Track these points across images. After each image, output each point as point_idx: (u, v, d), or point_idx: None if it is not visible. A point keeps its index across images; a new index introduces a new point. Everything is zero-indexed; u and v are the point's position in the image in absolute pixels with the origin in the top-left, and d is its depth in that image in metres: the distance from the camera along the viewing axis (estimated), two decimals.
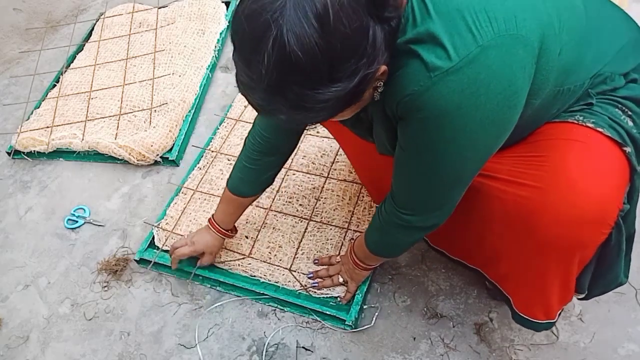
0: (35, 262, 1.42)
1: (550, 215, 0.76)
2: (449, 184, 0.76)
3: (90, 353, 1.22)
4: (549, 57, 0.68)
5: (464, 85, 0.61)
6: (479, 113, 0.64)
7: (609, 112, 0.78)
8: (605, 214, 0.74)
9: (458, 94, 0.62)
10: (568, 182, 0.74)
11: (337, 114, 0.65)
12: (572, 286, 0.87)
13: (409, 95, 0.64)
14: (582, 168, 0.74)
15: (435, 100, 0.63)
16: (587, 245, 0.78)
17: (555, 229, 0.76)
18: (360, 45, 0.56)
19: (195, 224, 1.36)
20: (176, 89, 1.71)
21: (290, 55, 0.52)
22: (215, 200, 1.40)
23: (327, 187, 1.38)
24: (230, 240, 1.30)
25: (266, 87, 0.56)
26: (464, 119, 0.64)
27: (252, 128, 1.06)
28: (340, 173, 1.41)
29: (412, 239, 0.93)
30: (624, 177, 0.76)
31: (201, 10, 1.98)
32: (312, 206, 1.35)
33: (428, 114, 0.65)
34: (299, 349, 1.15)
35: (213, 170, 1.48)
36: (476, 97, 0.62)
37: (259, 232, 1.32)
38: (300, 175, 1.43)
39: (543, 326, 0.94)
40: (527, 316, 0.94)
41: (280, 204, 1.37)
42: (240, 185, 1.11)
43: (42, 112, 1.78)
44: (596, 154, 0.76)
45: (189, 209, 1.39)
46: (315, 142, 1.49)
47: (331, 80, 0.56)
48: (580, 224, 0.74)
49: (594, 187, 0.73)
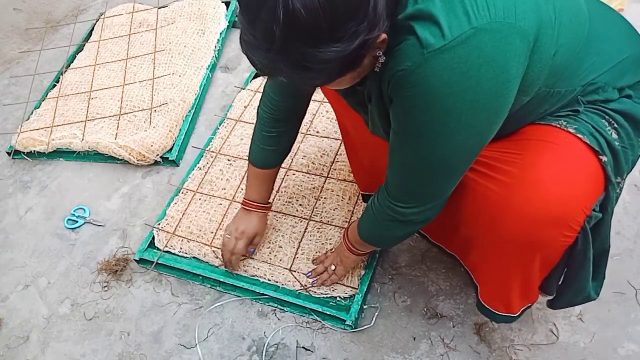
0: (35, 262, 1.42)
1: (513, 211, 0.77)
2: (439, 171, 0.76)
3: (90, 353, 1.22)
4: (543, 54, 0.68)
5: (454, 64, 0.61)
6: (469, 95, 0.64)
7: (594, 121, 0.78)
8: (567, 216, 0.74)
9: (448, 72, 0.62)
10: (534, 181, 0.75)
11: (337, 78, 0.65)
12: (534, 285, 0.88)
13: (402, 70, 0.65)
14: (552, 169, 0.75)
15: (425, 78, 0.63)
16: (547, 245, 0.79)
17: (517, 225, 0.77)
18: (362, 7, 0.57)
19: (195, 224, 1.36)
20: (176, 89, 1.71)
21: (294, 12, 0.54)
22: (215, 200, 1.40)
23: (327, 187, 1.38)
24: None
25: (268, 45, 0.57)
26: (453, 100, 0.64)
27: (262, 96, 1.07)
28: (340, 173, 1.41)
29: (403, 232, 0.93)
30: (595, 185, 0.76)
31: (201, 10, 1.97)
32: (312, 206, 1.35)
33: (417, 91, 0.65)
34: (299, 349, 1.15)
35: (213, 171, 1.48)
36: (466, 78, 0.63)
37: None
38: (300, 175, 1.43)
39: (502, 318, 0.97)
40: (488, 306, 0.97)
41: (280, 204, 1.37)
42: (263, 157, 1.13)
43: (42, 112, 1.77)
44: (569, 158, 0.76)
45: (189, 210, 1.39)
46: (316, 142, 1.49)
47: (332, 39, 0.57)
48: (540, 223, 0.75)
49: (559, 188, 0.74)
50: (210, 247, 1.30)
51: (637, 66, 0.81)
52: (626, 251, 1.20)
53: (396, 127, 0.75)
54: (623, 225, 1.25)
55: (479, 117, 0.68)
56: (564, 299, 0.92)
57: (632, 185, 1.32)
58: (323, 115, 1.55)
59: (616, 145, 0.77)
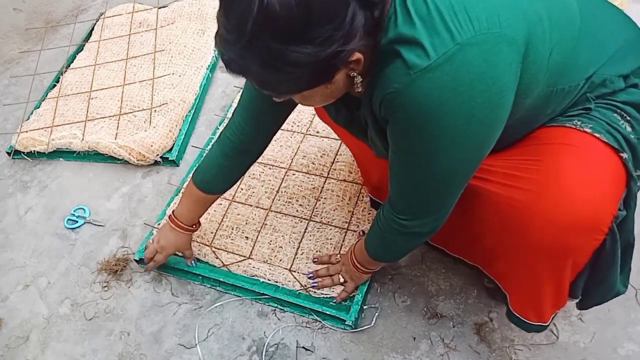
0: (35, 262, 1.42)
1: (542, 219, 0.76)
2: (441, 186, 0.76)
3: (90, 353, 1.22)
4: (537, 56, 0.68)
5: (443, 82, 0.61)
6: (463, 110, 0.64)
7: (607, 117, 0.77)
8: (597, 220, 0.74)
9: (437, 91, 0.62)
10: (561, 187, 0.74)
11: (306, 88, 0.65)
12: (565, 291, 0.87)
13: (390, 93, 0.65)
14: (576, 173, 0.74)
15: (414, 97, 0.63)
16: (578, 251, 0.78)
17: (548, 233, 0.76)
18: (339, 15, 0.57)
19: None
20: (176, 89, 1.71)
21: (268, 5, 0.54)
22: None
23: (327, 187, 1.38)
24: (231, 241, 1.31)
25: (240, 40, 0.58)
26: (447, 117, 0.64)
27: (230, 121, 1.03)
28: (340, 173, 1.41)
29: (411, 245, 0.93)
30: (619, 184, 0.76)
31: (201, 10, 1.97)
32: (312, 206, 1.35)
33: (408, 112, 0.66)
34: (299, 349, 1.15)
35: None
36: (458, 94, 0.62)
37: (259, 233, 1.31)
38: (300, 175, 1.43)
39: (535, 328, 0.95)
40: (520, 316, 0.95)
41: (280, 205, 1.37)
42: (210, 183, 1.10)
43: (42, 112, 1.77)
44: (592, 160, 0.75)
45: None
46: (316, 142, 1.49)
47: (304, 39, 0.57)
48: (572, 230, 0.74)
49: (587, 193, 0.73)
50: (210, 247, 1.30)
51: (636, 50, 0.80)
52: None
53: (393, 147, 0.75)
54: None
55: (476, 131, 0.67)
56: (594, 298, 0.90)
57: None
58: None
59: (632, 139, 0.76)
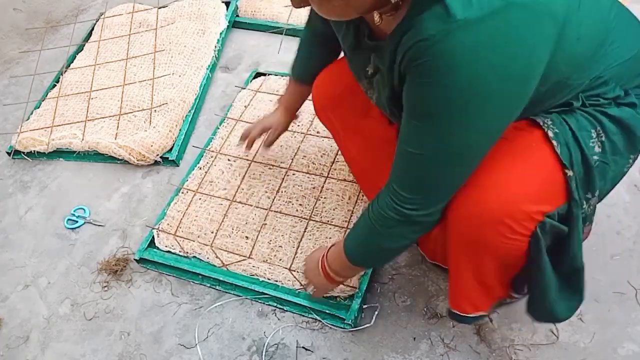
0: (35, 262, 1.42)
1: (461, 210, 0.75)
2: (458, 161, 0.70)
3: (90, 353, 1.22)
4: (566, 43, 0.65)
5: (482, 38, 0.57)
6: (497, 74, 0.59)
7: (580, 127, 0.74)
8: (508, 216, 0.72)
9: (475, 47, 0.57)
10: (484, 181, 0.73)
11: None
12: (497, 284, 0.86)
13: (423, 40, 0.59)
14: (505, 173, 0.73)
15: (449, 50, 0.58)
16: (490, 245, 0.76)
17: (463, 223, 0.76)
18: None
19: (195, 224, 1.36)
20: (176, 89, 1.71)
21: None
22: (215, 200, 1.40)
23: (326, 187, 1.38)
24: (232, 240, 1.31)
25: None
26: (479, 78, 0.59)
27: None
28: (340, 173, 1.41)
29: (403, 242, 0.84)
30: (552, 195, 0.74)
31: (201, 10, 1.97)
32: (312, 206, 1.35)
33: (440, 65, 0.60)
34: (299, 349, 1.15)
35: (213, 171, 1.48)
36: (496, 56, 0.58)
37: (259, 233, 1.31)
38: (300, 175, 1.43)
39: (474, 319, 0.94)
40: (457, 311, 0.93)
41: (280, 204, 1.37)
42: (302, 73, 1.19)
43: (42, 112, 1.77)
44: (530, 164, 0.74)
45: (189, 210, 1.39)
46: (316, 142, 1.49)
47: None
48: (481, 222, 0.73)
49: (505, 190, 0.72)
50: (210, 247, 1.30)
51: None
52: (626, 251, 1.20)
53: (409, 109, 0.68)
54: (623, 225, 1.25)
55: (504, 100, 0.62)
56: (534, 312, 0.88)
57: (632, 185, 1.32)
58: None
59: (593, 160, 0.74)
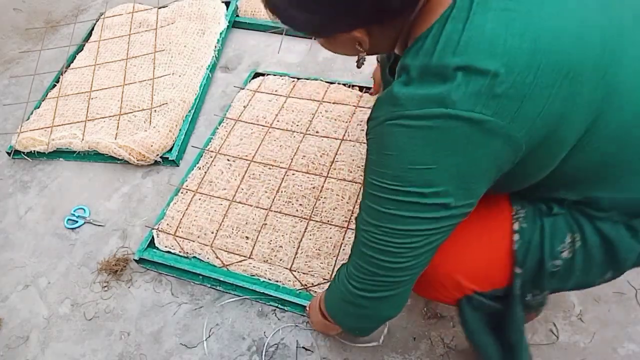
0: (35, 262, 1.42)
1: None
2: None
3: (90, 353, 1.22)
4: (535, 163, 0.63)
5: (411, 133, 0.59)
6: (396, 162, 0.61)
7: (554, 232, 0.71)
8: (442, 278, 0.79)
9: (401, 135, 0.60)
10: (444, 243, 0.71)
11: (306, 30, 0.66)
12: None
13: (371, 119, 0.65)
14: (462, 241, 0.75)
15: (384, 132, 0.62)
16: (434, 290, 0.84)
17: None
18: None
19: (195, 224, 1.36)
20: (176, 89, 1.71)
21: None
22: (215, 200, 1.40)
23: (326, 187, 1.38)
24: (232, 241, 1.31)
25: None
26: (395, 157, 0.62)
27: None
28: (339, 172, 1.41)
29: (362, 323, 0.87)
30: (492, 279, 0.77)
31: (201, 10, 1.97)
32: (312, 205, 1.35)
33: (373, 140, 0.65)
34: (299, 349, 1.15)
35: (213, 170, 1.48)
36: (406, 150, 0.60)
37: (259, 233, 1.32)
38: (300, 175, 1.43)
39: None
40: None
41: (280, 204, 1.37)
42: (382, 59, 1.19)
43: (42, 112, 1.77)
44: (486, 243, 0.76)
45: (189, 210, 1.39)
46: (315, 142, 1.49)
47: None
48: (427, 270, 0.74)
49: (452, 257, 0.76)
50: (211, 247, 1.30)
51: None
52: None
53: None
54: None
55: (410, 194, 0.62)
56: None
57: None
58: (322, 115, 1.56)
59: (550, 266, 0.71)
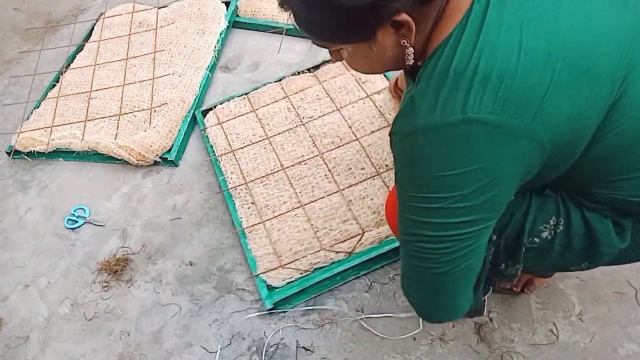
0: (35, 262, 1.42)
1: None
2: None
3: (90, 353, 1.22)
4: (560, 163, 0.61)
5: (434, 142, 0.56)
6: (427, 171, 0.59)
7: (542, 209, 0.71)
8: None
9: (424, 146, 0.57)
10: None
11: (345, 40, 0.61)
12: None
13: (393, 134, 0.61)
14: None
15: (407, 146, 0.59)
16: None
17: None
18: None
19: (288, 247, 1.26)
20: (176, 89, 1.71)
21: None
22: (286, 216, 1.39)
23: (365, 144, 1.41)
24: (335, 233, 1.28)
25: None
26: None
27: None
28: (364, 129, 1.45)
29: None
30: None
31: (201, 10, 1.97)
32: (371, 162, 1.37)
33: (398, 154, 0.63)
34: (299, 349, 1.15)
35: (258, 198, 1.39)
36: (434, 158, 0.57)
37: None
38: (334, 151, 1.44)
39: None
40: None
41: (343, 178, 1.37)
42: None
43: (42, 112, 1.77)
44: None
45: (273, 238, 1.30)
46: (319, 124, 1.49)
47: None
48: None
49: None
50: (322, 249, 1.24)
51: None
52: None
53: None
54: None
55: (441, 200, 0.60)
56: None
57: None
58: (302, 103, 1.55)
59: (526, 242, 0.72)
